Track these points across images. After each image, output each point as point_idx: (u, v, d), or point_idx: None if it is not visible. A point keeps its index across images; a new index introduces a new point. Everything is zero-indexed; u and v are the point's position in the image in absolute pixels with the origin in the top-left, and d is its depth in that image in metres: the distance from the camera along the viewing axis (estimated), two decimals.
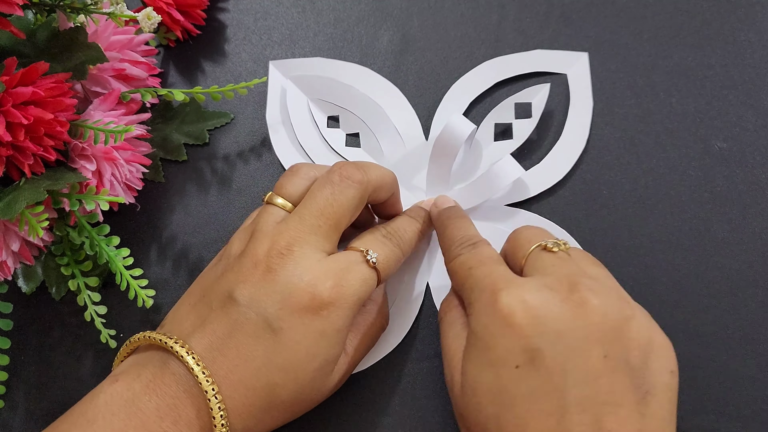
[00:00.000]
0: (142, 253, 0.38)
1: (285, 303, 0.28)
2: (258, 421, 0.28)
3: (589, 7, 0.41)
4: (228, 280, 0.29)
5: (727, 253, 0.35)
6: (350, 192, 0.30)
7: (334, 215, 0.30)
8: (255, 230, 0.30)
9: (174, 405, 0.27)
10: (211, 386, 0.27)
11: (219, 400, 0.27)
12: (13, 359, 0.36)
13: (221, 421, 0.27)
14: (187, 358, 0.27)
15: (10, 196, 0.30)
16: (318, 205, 0.30)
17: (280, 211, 0.31)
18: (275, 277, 0.28)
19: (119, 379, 0.28)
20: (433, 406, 0.34)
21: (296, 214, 0.30)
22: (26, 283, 0.37)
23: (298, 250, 0.28)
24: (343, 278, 0.28)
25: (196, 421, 0.27)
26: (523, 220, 0.36)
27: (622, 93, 0.39)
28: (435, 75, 0.40)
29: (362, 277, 0.29)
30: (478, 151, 0.38)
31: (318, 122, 0.40)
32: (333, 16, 0.42)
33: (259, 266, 0.28)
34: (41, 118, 0.30)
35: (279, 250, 0.28)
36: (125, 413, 0.26)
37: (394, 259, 0.31)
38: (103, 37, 0.35)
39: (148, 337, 0.29)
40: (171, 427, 0.26)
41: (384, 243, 0.31)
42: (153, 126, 0.40)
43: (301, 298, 0.28)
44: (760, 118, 0.38)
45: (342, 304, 0.28)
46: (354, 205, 0.30)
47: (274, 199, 0.31)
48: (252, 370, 0.27)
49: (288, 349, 0.27)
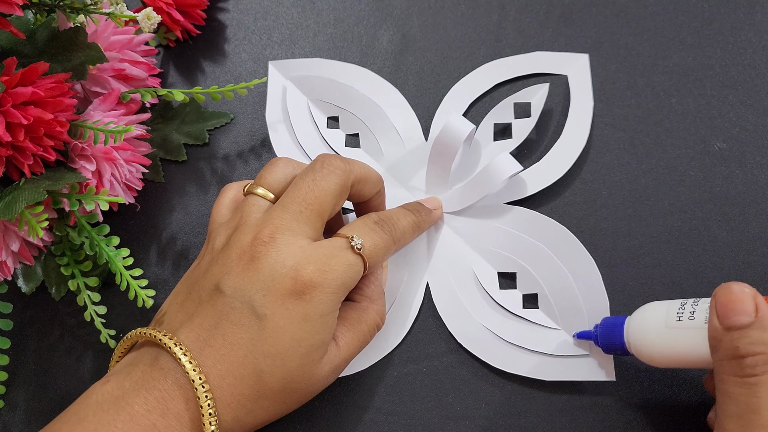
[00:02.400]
0: (142, 253, 0.38)
1: (269, 289, 0.28)
2: (248, 412, 0.28)
3: (589, 7, 0.41)
4: (213, 274, 0.29)
5: (726, 253, 0.35)
6: (331, 178, 0.30)
7: (316, 200, 0.30)
8: (239, 223, 0.31)
9: (162, 398, 0.27)
10: (198, 376, 0.27)
11: (206, 390, 0.27)
12: (13, 359, 0.36)
13: (209, 410, 0.27)
14: (175, 349, 0.27)
15: (10, 196, 0.30)
16: (300, 192, 0.30)
17: (261, 200, 0.31)
18: (259, 265, 0.28)
19: (110, 380, 0.28)
20: (433, 406, 0.34)
21: (279, 204, 0.30)
22: (26, 283, 0.37)
23: (280, 237, 0.29)
24: (326, 263, 0.28)
25: (185, 412, 0.27)
26: (522, 218, 0.36)
27: (622, 93, 0.39)
28: (435, 75, 0.40)
29: (346, 263, 0.29)
30: (478, 150, 0.38)
31: (318, 122, 0.40)
32: (333, 16, 0.42)
33: (244, 257, 0.29)
34: (41, 118, 0.30)
35: (262, 239, 0.29)
36: (114, 409, 0.27)
37: (382, 246, 0.31)
38: (103, 37, 0.35)
39: (140, 333, 0.29)
40: (159, 419, 0.26)
41: (373, 229, 0.31)
42: (153, 126, 0.40)
43: (284, 283, 0.28)
44: (760, 118, 0.38)
45: (325, 289, 0.28)
46: (336, 191, 0.30)
47: (255, 189, 0.32)
48: (239, 358, 0.28)
49: (273, 335, 0.28)
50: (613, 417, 0.32)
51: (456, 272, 0.36)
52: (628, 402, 0.33)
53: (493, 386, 0.34)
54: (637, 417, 0.32)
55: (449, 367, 0.34)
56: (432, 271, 0.36)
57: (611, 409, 0.33)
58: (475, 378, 0.34)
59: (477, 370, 0.34)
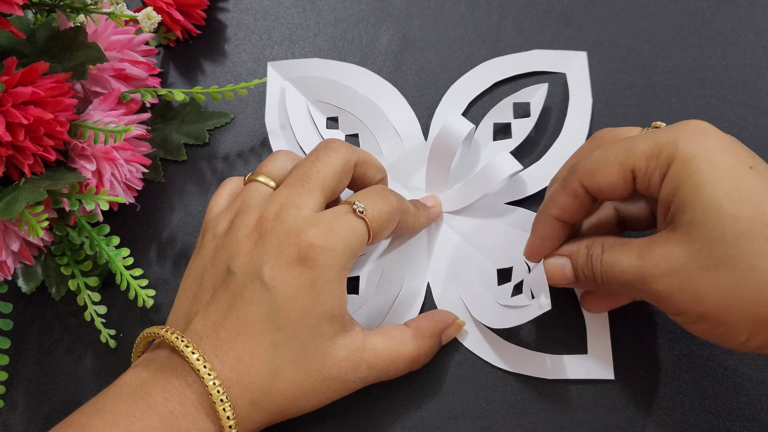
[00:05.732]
0: (142, 253, 0.38)
1: (275, 261, 0.28)
2: (265, 393, 0.28)
3: (589, 7, 0.41)
4: (222, 259, 0.30)
5: None
6: (334, 155, 0.31)
7: (319, 174, 0.30)
8: (241, 207, 0.31)
9: (180, 386, 0.27)
10: (204, 364, 0.27)
11: (213, 377, 0.27)
12: (13, 359, 0.36)
13: (220, 397, 0.27)
14: (171, 337, 0.28)
15: (10, 196, 0.30)
16: (303, 170, 0.31)
17: (263, 186, 0.32)
18: (265, 241, 0.29)
19: (129, 372, 0.28)
20: (433, 406, 0.34)
21: (283, 185, 0.31)
22: (26, 283, 0.37)
23: (285, 212, 0.29)
24: (329, 227, 0.29)
25: (205, 398, 0.27)
26: (522, 217, 0.36)
27: (622, 93, 0.39)
28: (435, 75, 0.40)
29: (348, 226, 0.29)
30: (477, 150, 0.38)
31: (317, 123, 0.40)
32: (333, 16, 0.42)
33: (252, 236, 0.29)
34: (41, 118, 0.30)
35: (268, 217, 0.29)
36: (133, 398, 0.27)
37: (386, 211, 0.31)
38: (103, 37, 0.35)
39: (148, 333, 0.29)
40: (177, 407, 0.27)
41: (379, 195, 0.31)
42: (153, 126, 0.40)
43: (289, 252, 0.28)
44: (760, 118, 0.38)
45: (329, 252, 0.28)
46: (338, 168, 0.31)
47: (256, 177, 0.32)
48: (254, 335, 0.28)
49: (284, 306, 0.28)
50: (614, 416, 0.32)
51: (456, 272, 0.36)
52: (628, 401, 0.33)
53: (493, 386, 0.34)
54: (637, 417, 0.32)
55: (449, 367, 0.34)
56: (433, 271, 0.36)
57: (611, 409, 0.33)
58: (475, 378, 0.34)
59: (477, 370, 0.34)
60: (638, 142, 0.27)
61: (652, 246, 0.26)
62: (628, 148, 0.27)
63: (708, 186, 0.25)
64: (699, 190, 0.25)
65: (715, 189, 0.25)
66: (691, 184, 0.25)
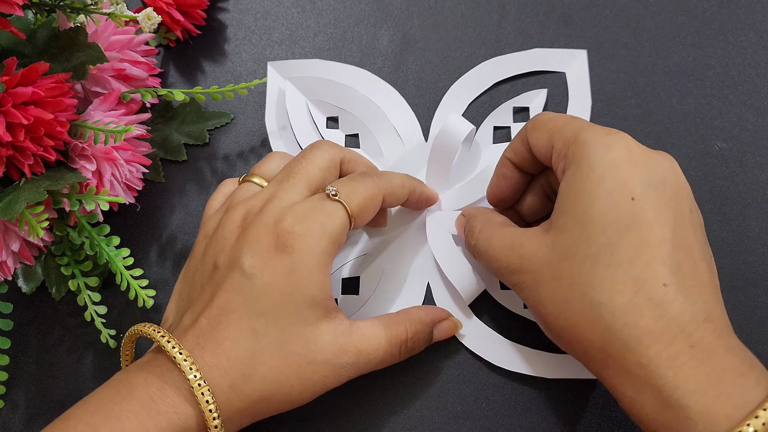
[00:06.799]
0: (142, 253, 0.38)
1: (255, 250, 0.29)
2: (246, 378, 0.28)
3: (589, 7, 0.41)
4: (210, 256, 0.30)
5: (727, 253, 0.35)
6: (319, 153, 0.32)
7: (303, 170, 0.31)
8: (229, 205, 0.32)
9: (161, 373, 0.28)
10: (179, 351, 0.27)
11: (190, 363, 0.27)
12: (13, 359, 0.36)
13: (198, 381, 0.27)
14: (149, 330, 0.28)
15: (10, 196, 0.30)
16: (289, 167, 0.32)
17: (255, 186, 0.33)
18: (247, 233, 0.29)
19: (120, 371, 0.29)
20: (433, 406, 0.34)
21: (270, 182, 0.32)
22: (26, 283, 0.37)
23: (268, 205, 0.30)
24: (305, 214, 0.29)
25: (184, 383, 0.27)
26: None
27: (622, 93, 0.39)
28: (435, 75, 0.40)
29: (324, 210, 0.29)
30: (477, 151, 0.38)
31: (317, 123, 0.40)
32: (333, 16, 0.42)
33: (236, 231, 0.30)
34: (41, 118, 0.30)
35: (252, 212, 0.30)
36: (116, 388, 0.27)
37: (363, 191, 0.31)
38: (103, 37, 0.35)
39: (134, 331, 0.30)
40: (156, 392, 0.27)
41: (353, 178, 0.31)
42: (153, 126, 0.40)
43: (267, 240, 0.29)
44: (760, 118, 0.38)
45: (306, 238, 0.28)
46: (323, 164, 0.32)
47: (250, 178, 0.33)
48: (234, 321, 0.28)
49: (263, 293, 0.28)
50: (614, 416, 0.32)
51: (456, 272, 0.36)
52: None
53: (493, 386, 0.34)
54: None
55: (449, 367, 0.34)
56: (433, 271, 0.36)
57: (611, 409, 0.33)
58: (475, 378, 0.34)
59: (477, 370, 0.34)
60: (569, 125, 0.28)
61: (524, 241, 0.28)
62: (561, 126, 0.29)
63: (585, 200, 0.26)
64: (577, 199, 0.26)
65: (590, 207, 0.26)
66: (575, 191, 0.26)
